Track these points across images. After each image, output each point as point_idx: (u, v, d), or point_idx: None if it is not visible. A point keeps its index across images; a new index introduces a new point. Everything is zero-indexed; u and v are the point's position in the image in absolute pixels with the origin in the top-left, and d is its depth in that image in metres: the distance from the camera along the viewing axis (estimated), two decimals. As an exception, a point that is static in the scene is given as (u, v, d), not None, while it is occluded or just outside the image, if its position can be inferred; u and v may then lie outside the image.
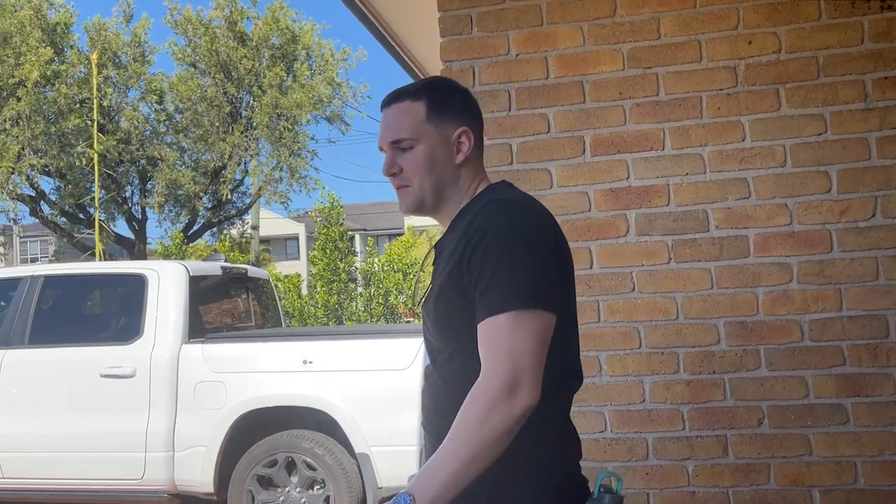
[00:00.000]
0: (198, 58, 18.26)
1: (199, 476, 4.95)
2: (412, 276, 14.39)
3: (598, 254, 2.61)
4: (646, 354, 2.56)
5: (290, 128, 18.02)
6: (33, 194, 17.72)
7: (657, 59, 2.61)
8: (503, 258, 1.35)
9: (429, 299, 1.50)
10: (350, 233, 16.16)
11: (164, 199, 18.16)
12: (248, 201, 20.03)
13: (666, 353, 2.55)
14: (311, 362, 4.95)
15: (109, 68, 17.59)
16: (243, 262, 15.07)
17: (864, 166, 2.47)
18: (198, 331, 5.34)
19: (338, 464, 4.85)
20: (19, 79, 16.15)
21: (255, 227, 21.29)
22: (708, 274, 2.54)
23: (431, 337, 1.50)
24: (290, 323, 13.80)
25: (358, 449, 4.81)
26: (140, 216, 18.98)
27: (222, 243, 18.06)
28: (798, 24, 2.53)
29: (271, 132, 17.87)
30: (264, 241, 29.91)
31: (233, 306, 6.36)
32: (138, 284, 5.35)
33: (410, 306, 13.86)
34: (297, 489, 4.93)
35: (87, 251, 17.55)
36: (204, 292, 5.72)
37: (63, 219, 18.47)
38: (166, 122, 18.93)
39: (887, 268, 2.44)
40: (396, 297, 14.62)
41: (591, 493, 1.42)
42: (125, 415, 5.04)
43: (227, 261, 6.70)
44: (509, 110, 2.68)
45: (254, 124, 17.98)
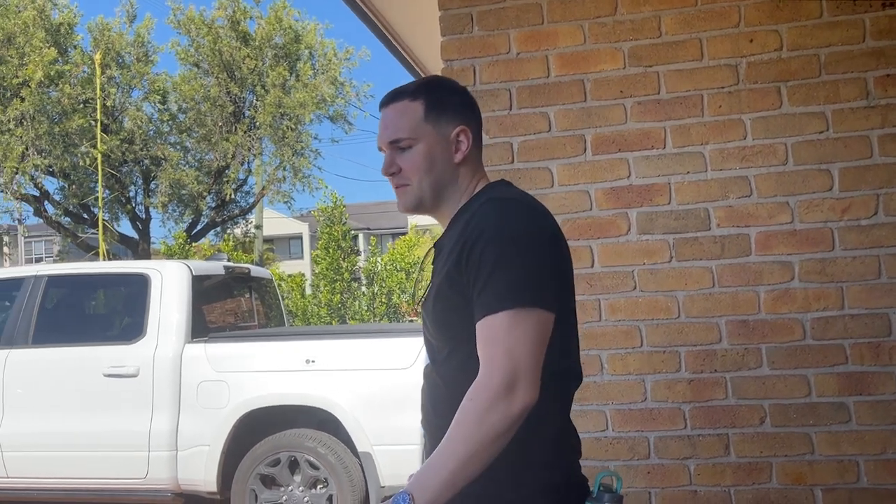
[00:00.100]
0: (201, 57, 18.28)
1: (202, 475, 4.96)
2: (415, 275, 14.40)
3: (599, 252, 2.60)
4: (647, 353, 2.56)
5: (294, 127, 18.04)
6: (37, 194, 17.76)
7: (658, 57, 2.60)
8: (501, 257, 1.35)
9: (428, 298, 1.49)
10: (353, 232, 16.16)
11: (168, 199, 18.19)
12: (251, 201, 20.06)
13: (667, 351, 2.54)
14: (313, 361, 4.96)
15: (113, 68, 17.62)
16: (247, 262, 15.09)
17: (866, 164, 2.46)
18: (201, 330, 5.34)
19: (340, 463, 4.86)
20: (23, 79, 16.18)
21: (258, 227, 21.30)
22: (709, 272, 2.54)
23: (430, 336, 1.50)
24: (293, 322, 13.81)
25: (360, 448, 4.81)
26: (144, 216, 19.02)
27: (226, 243, 18.08)
28: (799, 21, 2.53)
29: (274, 132, 17.88)
30: (268, 240, 29.94)
31: (236, 306, 6.37)
32: (141, 284, 5.36)
33: (413, 305, 13.87)
34: (300, 488, 4.93)
35: (91, 251, 17.59)
36: (207, 292, 5.73)
37: (67, 219, 18.50)
38: (170, 122, 18.95)
39: (889, 266, 2.43)
40: (399, 297, 14.62)
41: (590, 492, 1.42)
42: (128, 414, 5.05)
43: (229, 260, 6.70)
44: (510, 109, 2.68)
45: (257, 124, 17.99)
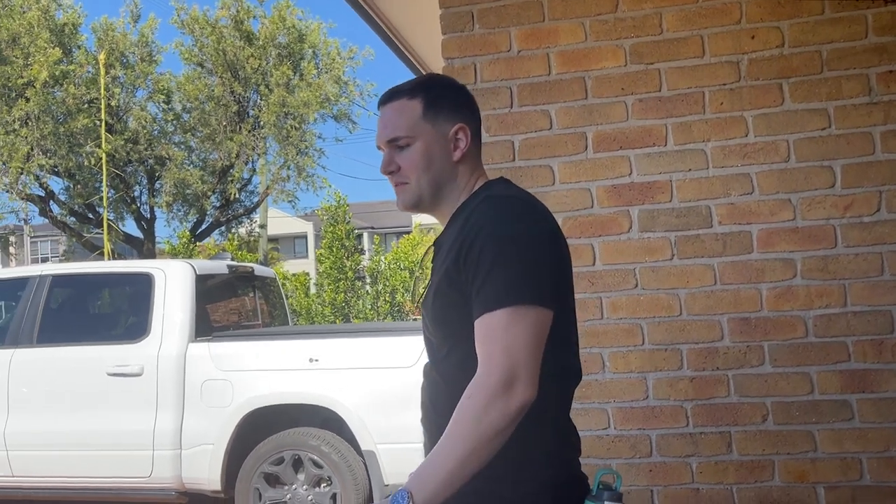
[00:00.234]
0: (205, 57, 18.31)
1: (206, 474, 4.97)
2: (417, 273, 14.41)
3: (600, 250, 2.60)
4: (649, 351, 2.55)
5: (298, 126, 18.06)
6: (42, 194, 17.82)
7: (659, 54, 2.60)
8: (499, 254, 1.35)
9: (427, 297, 1.49)
10: (357, 231, 16.17)
11: (173, 199, 18.23)
12: (255, 200, 20.09)
13: (669, 349, 2.54)
14: (317, 360, 4.96)
15: (117, 68, 17.66)
16: (252, 261, 15.11)
17: (869, 161, 2.45)
18: (204, 329, 5.35)
19: (344, 461, 4.86)
20: (28, 79, 16.23)
21: (263, 226, 21.34)
22: (711, 270, 2.53)
23: (430, 334, 1.50)
24: (297, 321, 13.83)
25: (364, 446, 4.81)
26: (149, 215, 19.06)
27: (230, 242, 18.12)
28: (801, 18, 2.52)
29: (278, 131, 17.91)
30: (273, 239, 29.99)
31: (239, 305, 6.38)
32: (145, 283, 5.37)
33: (414, 304, 13.88)
34: (304, 487, 4.94)
35: (97, 251, 17.63)
36: (211, 291, 5.73)
37: (72, 218, 18.56)
38: (174, 122, 18.99)
39: (892, 263, 2.42)
40: (403, 295, 14.63)
41: (590, 489, 1.42)
42: (133, 413, 5.06)
43: (233, 259, 6.71)
44: (511, 107, 2.68)
45: (261, 123, 18.02)
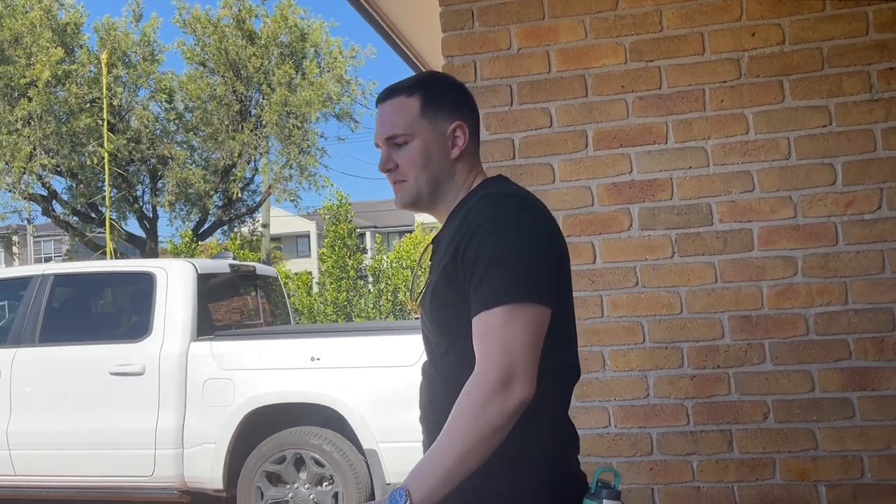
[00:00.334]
0: (207, 56, 18.33)
1: (208, 473, 4.97)
2: (416, 271, 14.41)
3: (601, 248, 2.60)
4: (649, 349, 2.55)
5: (300, 125, 18.07)
6: (45, 194, 17.85)
7: (660, 51, 2.59)
8: (497, 252, 1.35)
9: (425, 295, 1.49)
10: (360, 230, 16.17)
11: (175, 198, 18.25)
12: (258, 199, 20.10)
13: (670, 347, 2.54)
14: (318, 359, 4.96)
15: (119, 68, 17.68)
16: (254, 260, 15.12)
17: (870, 158, 2.45)
18: (206, 328, 5.35)
19: (346, 460, 4.86)
20: (30, 79, 16.26)
21: (265, 225, 21.35)
22: (712, 268, 2.52)
23: (428, 332, 1.50)
24: (299, 320, 13.84)
25: (366, 445, 4.81)
26: (151, 215, 19.09)
27: (233, 241, 18.13)
28: (802, 14, 2.51)
29: (281, 130, 17.92)
30: (275, 238, 29.99)
31: (241, 304, 6.38)
32: (147, 283, 5.37)
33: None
34: (306, 485, 4.94)
35: (99, 250, 17.66)
36: (212, 290, 5.74)
37: (75, 218, 18.59)
38: (176, 121, 19.01)
39: (893, 260, 2.41)
40: (405, 294, 14.64)
41: (588, 487, 1.42)
42: (135, 412, 5.07)
43: (235, 258, 6.72)
44: (511, 105, 2.67)
45: (263, 122, 18.03)
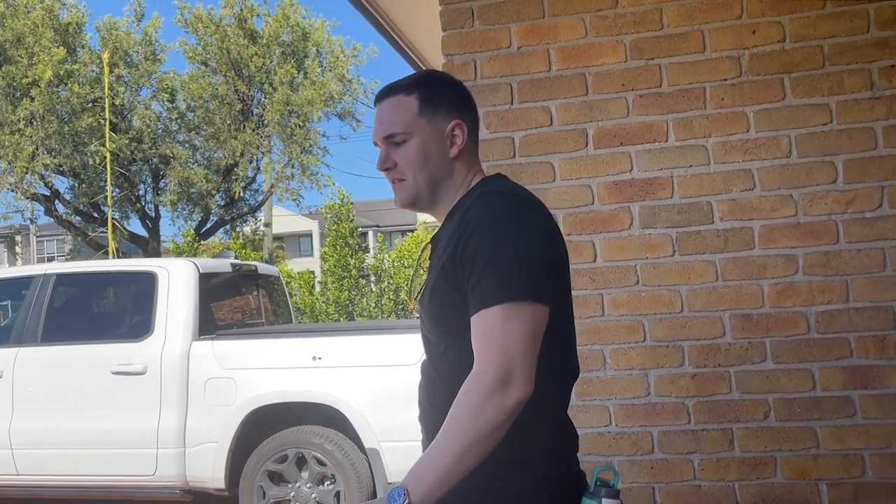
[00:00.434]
0: (209, 56, 18.32)
1: (210, 472, 4.98)
2: (419, 270, 14.42)
3: (601, 247, 2.59)
4: (650, 348, 2.54)
5: (302, 125, 18.05)
6: (48, 194, 17.86)
7: (660, 50, 2.58)
8: (495, 251, 1.34)
9: (424, 294, 1.49)
10: (362, 229, 16.18)
11: (177, 197, 18.25)
12: (260, 198, 20.10)
13: (671, 346, 2.53)
14: (320, 358, 4.96)
15: (121, 67, 17.68)
16: (256, 260, 15.13)
17: (871, 156, 2.44)
18: (208, 328, 5.36)
19: (348, 459, 4.86)
20: (32, 79, 16.26)
21: (267, 225, 21.35)
22: (713, 266, 2.52)
23: (427, 331, 1.50)
24: (301, 319, 13.85)
25: (367, 444, 4.81)
26: (153, 214, 19.09)
27: (235, 241, 18.14)
28: (802, 12, 2.50)
29: (283, 129, 17.91)
30: (278, 238, 30.00)
31: (243, 303, 6.38)
32: (149, 282, 5.38)
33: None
34: (308, 485, 4.94)
35: (102, 249, 17.67)
36: (214, 289, 5.74)
37: (77, 217, 18.60)
38: (178, 121, 19.01)
39: (894, 259, 2.41)
40: (407, 293, 14.64)
41: (587, 486, 1.41)
42: (137, 411, 5.07)
43: (236, 258, 6.72)
44: (511, 103, 2.67)
45: (265, 122, 18.02)
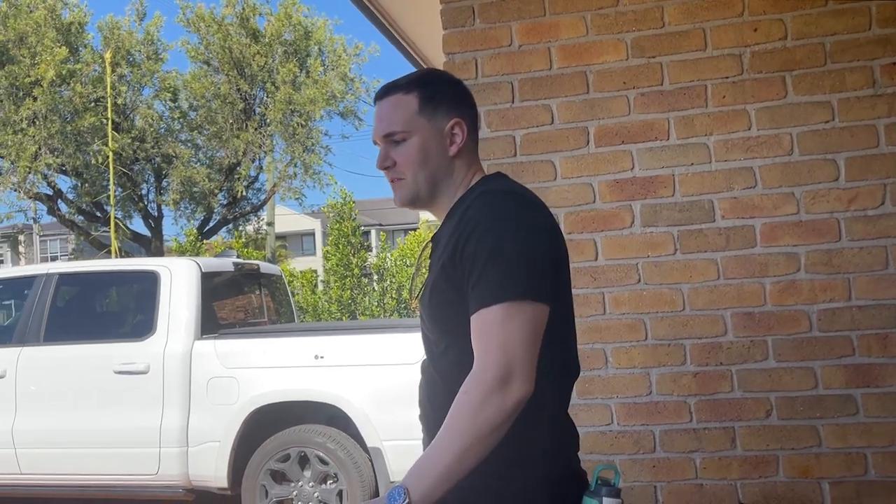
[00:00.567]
0: (211, 55, 18.34)
1: (212, 471, 4.98)
2: (421, 270, 14.40)
3: (603, 245, 2.59)
4: (652, 346, 2.54)
5: (304, 124, 18.06)
6: (51, 193, 17.89)
7: (661, 47, 2.58)
8: (494, 250, 1.34)
9: (424, 293, 1.49)
10: (365, 228, 16.16)
11: (180, 197, 18.28)
12: (262, 198, 20.11)
13: (672, 344, 2.53)
14: (322, 357, 4.96)
15: (123, 67, 17.70)
16: (259, 259, 15.13)
17: (873, 154, 2.43)
18: (210, 327, 5.36)
19: (350, 458, 4.86)
20: (35, 78, 16.29)
21: (270, 224, 21.36)
22: (714, 264, 2.52)
23: (427, 330, 1.49)
24: (303, 318, 13.85)
25: (370, 443, 4.81)
26: (156, 213, 19.12)
27: (237, 240, 18.15)
28: (804, 10, 2.50)
29: (285, 128, 17.92)
30: (280, 237, 30.03)
31: (246, 302, 6.39)
32: (151, 281, 5.38)
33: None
34: (310, 483, 4.94)
35: (105, 249, 17.69)
36: (216, 288, 5.74)
37: (80, 217, 18.62)
38: (181, 120, 19.03)
39: (897, 256, 2.40)
40: (409, 292, 14.64)
41: (588, 485, 1.41)
42: (139, 411, 5.07)
43: (238, 257, 6.72)
44: (512, 102, 2.67)
45: (267, 121, 18.03)
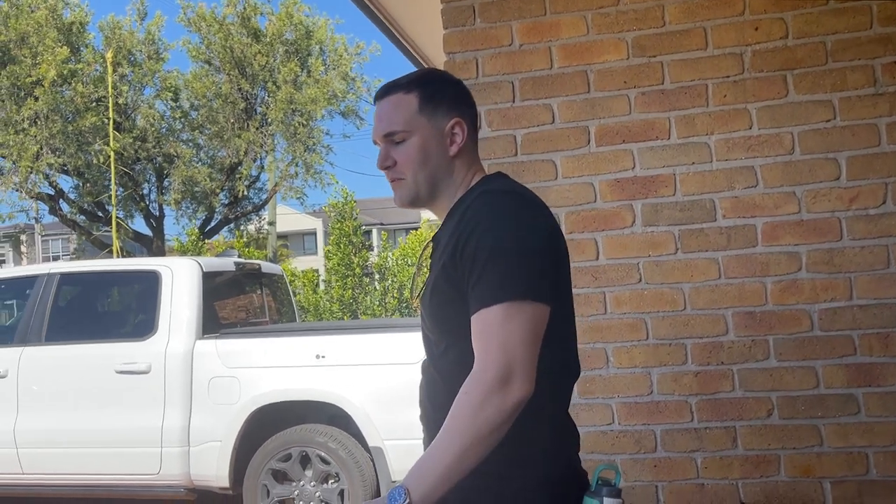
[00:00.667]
0: (212, 55, 18.34)
1: (214, 471, 4.98)
2: (423, 269, 14.39)
3: (604, 245, 2.59)
4: (653, 346, 2.54)
5: (305, 123, 18.07)
6: (52, 193, 17.91)
7: (662, 47, 2.58)
8: (495, 250, 1.34)
9: (425, 293, 1.49)
10: (366, 227, 16.15)
11: (181, 196, 18.29)
12: (264, 197, 20.12)
13: (673, 344, 2.53)
14: (323, 357, 4.96)
15: (125, 66, 17.71)
16: (260, 258, 15.14)
17: (874, 153, 2.43)
18: (212, 326, 5.36)
19: (351, 457, 4.87)
20: (36, 78, 16.31)
21: (271, 223, 21.37)
22: (715, 264, 2.51)
23: (428, 330, 1.49)
24: (305, 318, 13.85)
25: (371, 442, 4.81)
26: (157, 213, 19.13)
27: (239, 239, 18.15)
28: (805, 9, 2.49)
29: (286, 128, 17.93)
30: (282, 236, 30.02)
31: (247, 302, 6.39)
32: (152, 281, 5.38)
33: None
34: (312, 483, 4.95)
35: (106, 248, 17.70)
36: (218, 288, 5.74)
37: (82, 217, 18.64)
38: (182, 120, 19.04)
39: (898, 255, 2.40)
40: (409, 291, 14.64)
41: (589, 485, 1.41)
42: (141, 410, 5.08)
43: (240, 256, 6.73)
44: (513, 101, 2.66)
45: (269, 120, 18.04)
